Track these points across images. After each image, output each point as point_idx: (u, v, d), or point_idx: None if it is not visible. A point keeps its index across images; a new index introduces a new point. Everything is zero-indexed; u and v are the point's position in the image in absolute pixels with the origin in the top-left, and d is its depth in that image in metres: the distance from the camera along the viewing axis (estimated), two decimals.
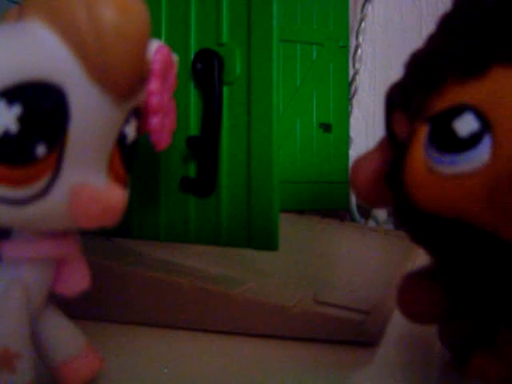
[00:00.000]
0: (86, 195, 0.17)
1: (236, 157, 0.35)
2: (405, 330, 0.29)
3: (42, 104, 0.15)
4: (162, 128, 0.21)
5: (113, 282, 0.29)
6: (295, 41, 0.59)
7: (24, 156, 0.15)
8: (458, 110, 0.18)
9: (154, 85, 0.19)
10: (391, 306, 0.32)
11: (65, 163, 0.16)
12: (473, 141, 0.17)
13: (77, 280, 0.20)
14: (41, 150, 0.16)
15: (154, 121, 0.20)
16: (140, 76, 0.18)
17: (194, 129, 0.36)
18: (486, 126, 0.17)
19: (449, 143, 0.18)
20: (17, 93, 0.15)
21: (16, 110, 0.15)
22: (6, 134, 0.15)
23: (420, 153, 0.18)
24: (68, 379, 0.20)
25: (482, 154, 0.17)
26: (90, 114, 0.16)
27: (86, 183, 0.17)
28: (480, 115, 0.17)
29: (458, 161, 0.17)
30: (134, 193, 0.37)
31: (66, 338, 0.20)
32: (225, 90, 0.35)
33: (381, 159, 0.20)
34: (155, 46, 0.20)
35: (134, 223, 0.37)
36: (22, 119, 0.15)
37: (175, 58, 0.21)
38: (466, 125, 0.17)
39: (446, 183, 0.18)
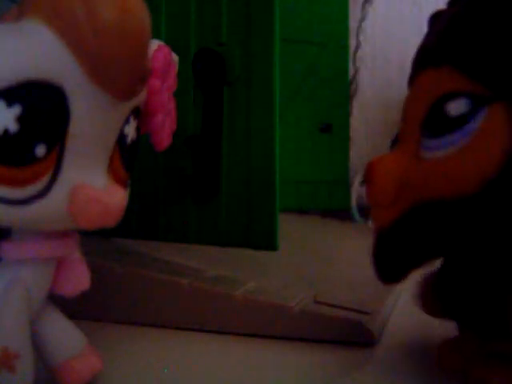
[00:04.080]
0: (85, 195, 0.17)
1: (236, 157, 0.35)
2: (405, 330, 0.29)
3: (42, 104, 0.15)
4: (163, 128, 0.21)
5: (113, 282, 0.29)
6: (295, 41, 0.59)
7: (24, 156, 0.15)
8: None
9: (154, 84, 0.19)
10: (391, 306, 0.32)
11: (64, 163, 0.16)
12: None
13: (77, 280, 0.20)
14: (40, 150, 0.16)
15: (155, 121, 0.20)
16: (140, 76, 0.17)
17: (193, 129, 0.36)
18: None
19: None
20: (16, 93, 0.15)
21: (15, 109, 0.15)
22: (6, 133, 0.15)
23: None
24: (68, 379, 0.20)
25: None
26: (90, 115, 0.16)
27: (86, 183, 0.17)
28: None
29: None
30: (134, 193, 0.37)
31: (65, 338, 0.20)
32: (225, 90, 0.35)
33: (403, 159, 0.20)
34: (155, 45, 0.20)
35: (133, 223, 0.37)
36: (21, 119, 0.15)
37: (175, 57, 0.21)
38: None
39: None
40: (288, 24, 0.57)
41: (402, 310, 0.32)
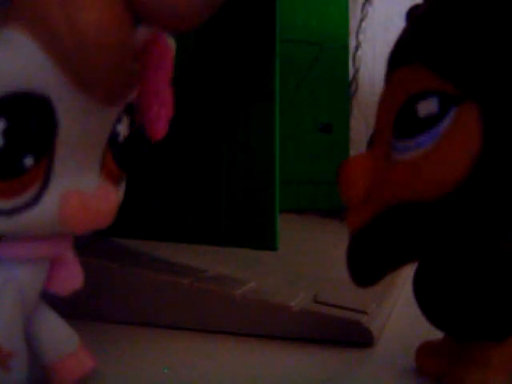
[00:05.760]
0: (75, 202, 0.16)
1: (236, 157, 0.35)
2: (404, 330, 0.29)
3: (27, 116, 0.15)
4: (158, 119, 0.20)
5: (113, 282, 0.29)
6: (295, 41, 0.59)
7: (11, 169, 0.15)
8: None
9: (147, 77, 0.19)
10: (391, 305, 0.32)
11: (54, 172, 0.16)
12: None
13: (70, 279, 0.20)
14: (28, 162, 0.15)
15: (149, 113, 0.20)
16: (127, 82, 0.17)
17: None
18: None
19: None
20: (0, 106, 0.15)
21: (0, 124, 0.15)
22: None
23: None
24: (60, 377, 0.20)
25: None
26: (78, 122, 0.16)
27: (76, 190, 0.17)
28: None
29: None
30: (134, 193, 0.37)
31: (58, 336, 0.20)
32: None
33: (374, 160, 0.20)
34: (146, 34, 0.19)
35: (133, 223, 0.37)
36: (7, 133, 0.15)
37: (172, 44, 0.21)
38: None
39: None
40: (288, 24, 0.58)
41: (402, 309, 0.32)
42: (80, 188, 0.17)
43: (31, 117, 0.15)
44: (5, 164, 0.15)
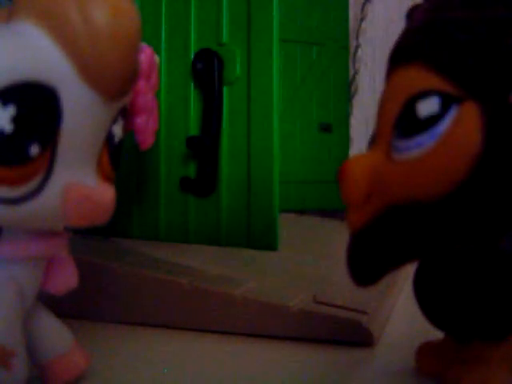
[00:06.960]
0: (77, 193, 0.17)
1: (236, 157, 0.35)
2: (404, 330, 0.29)
3: (36, 105, 0.16)
4: (147, 127, 0.21)
5: (113, 282, 0.29)
6: (295, 41, 0.59)
7: (18, 156, 0.16)
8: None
9: (140, 85, 0.20)
10: (391, 305, 0.32)
11: (57, 162, 0.17)
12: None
13: (65, 279, 0.20)
14: (34, 149, 0.16)
15: (140, 120, 0.20)
16: (131, 76, 0.18)
17: (193, 129, 0.36)
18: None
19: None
20: (11, 93, 0.15)
21: (10, 110, 0.15)
22: (1, 134, 0.15)
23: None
24: (55, 377, 0.20)
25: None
26: (82, 115, 0.17)
27: (78, 182, 0.17)
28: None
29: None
30: (134, 193, 0.37)
31: (54, 336, 0.20)
32: (225, 90, 0.35)
33: (375, 159, 0.20)
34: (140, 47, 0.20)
35: (134, 223, 0.37)
36: (16, 119, 0.15)
37: (157, 58, 0.22)
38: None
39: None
40: (288, 24, 0.58)
41: (402, 309, 0.32)
42: (81, 181, 0.17)
43: (39, 106, 0.16)
44: (13, 150, 0.16)
